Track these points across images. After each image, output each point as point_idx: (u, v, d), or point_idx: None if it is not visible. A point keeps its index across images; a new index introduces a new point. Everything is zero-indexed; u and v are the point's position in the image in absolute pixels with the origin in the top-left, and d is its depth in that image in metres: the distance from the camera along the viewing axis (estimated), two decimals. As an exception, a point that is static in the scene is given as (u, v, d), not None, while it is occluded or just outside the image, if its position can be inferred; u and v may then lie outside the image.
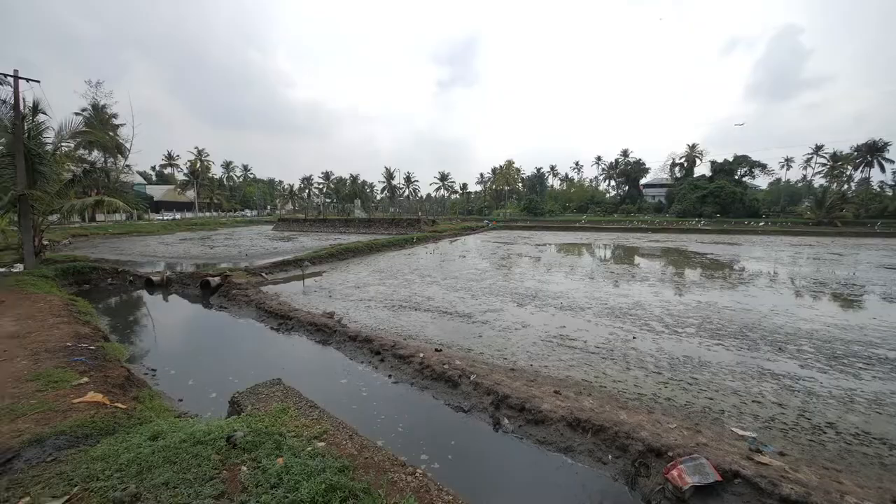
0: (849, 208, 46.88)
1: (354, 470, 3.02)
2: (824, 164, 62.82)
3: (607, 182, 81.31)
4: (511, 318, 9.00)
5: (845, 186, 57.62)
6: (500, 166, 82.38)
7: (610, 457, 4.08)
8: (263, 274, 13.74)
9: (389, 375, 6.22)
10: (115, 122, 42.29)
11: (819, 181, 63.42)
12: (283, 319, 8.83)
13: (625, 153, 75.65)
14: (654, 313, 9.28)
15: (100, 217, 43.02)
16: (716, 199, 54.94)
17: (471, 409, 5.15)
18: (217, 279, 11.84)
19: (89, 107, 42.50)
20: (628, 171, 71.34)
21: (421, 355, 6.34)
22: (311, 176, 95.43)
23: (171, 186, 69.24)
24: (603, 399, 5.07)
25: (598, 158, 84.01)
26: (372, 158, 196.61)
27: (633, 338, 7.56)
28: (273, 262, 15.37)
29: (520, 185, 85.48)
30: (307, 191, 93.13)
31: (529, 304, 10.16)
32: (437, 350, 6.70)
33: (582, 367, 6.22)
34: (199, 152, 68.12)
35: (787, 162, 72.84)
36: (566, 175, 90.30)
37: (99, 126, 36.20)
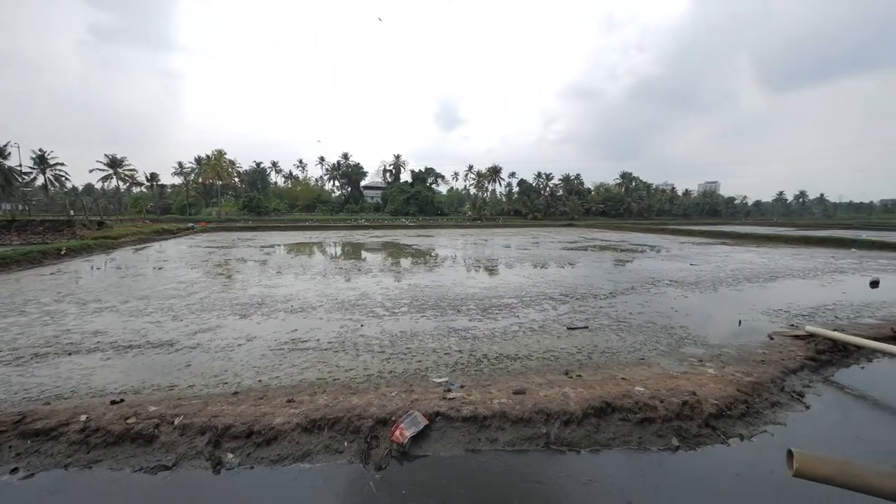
0: (487, 209, 71.03)
1: None
2: (474, 178, 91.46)
3: (332, 182, 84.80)
4: (233, 333, 7.75)
5: (485, 194, 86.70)
6: (209, 156, 69.03)
7: (345, 443, 4.29)
8: None
9: (15, 470, 3.92)
10: None
11: (473, 190, 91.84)
12: None
13: (345, 156, 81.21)
14: (376, 300, 10.52)
15: None
16: (416, 201, 69.24)
17: (178, 462, 4.04)
18: None
19: None
20: (349, 173, 77.31)
21: (83, 417, 4.37)
22: None
23: None
24: (337, 391, 5.25)
25: (322, 159, 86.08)
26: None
27: (361, 325, 8.29)
28: None
29: (236, 179, 74.91)
30: None
31: (255, 314, 9.12)
32: (114, 402, 4.82)
33: (316, 367, 6.20)
34: None
35: (456, 175, 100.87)
36: (290, 173, 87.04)
37: None
